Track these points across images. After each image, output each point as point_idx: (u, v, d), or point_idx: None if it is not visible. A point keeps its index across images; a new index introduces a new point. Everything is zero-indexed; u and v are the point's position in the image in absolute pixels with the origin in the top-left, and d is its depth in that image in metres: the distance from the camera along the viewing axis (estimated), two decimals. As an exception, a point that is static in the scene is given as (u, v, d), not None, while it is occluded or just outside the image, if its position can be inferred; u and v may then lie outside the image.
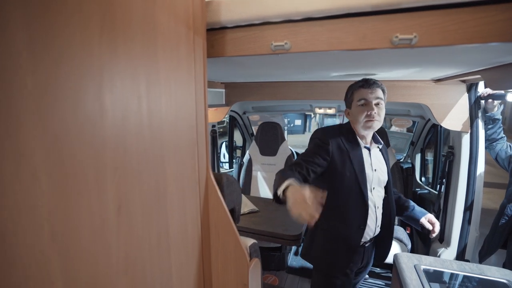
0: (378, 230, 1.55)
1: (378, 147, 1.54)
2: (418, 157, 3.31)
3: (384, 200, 1.56)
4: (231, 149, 3.59)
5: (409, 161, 3.43)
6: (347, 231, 1.48)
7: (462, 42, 0.69)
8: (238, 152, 3.88)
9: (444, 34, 0.70)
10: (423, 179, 3.25)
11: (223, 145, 3.91)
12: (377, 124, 1.42)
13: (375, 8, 0.72)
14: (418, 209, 1.61)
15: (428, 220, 1.56)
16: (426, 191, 2.87)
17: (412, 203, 1.64)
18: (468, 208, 2.03)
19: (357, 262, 1.55)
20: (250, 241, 0.98)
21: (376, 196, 1.50)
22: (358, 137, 1.50)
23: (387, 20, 0.73)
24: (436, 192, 2.69)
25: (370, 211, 1.47)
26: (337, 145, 1.45)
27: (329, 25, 0.78)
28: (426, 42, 0.72)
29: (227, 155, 3.92)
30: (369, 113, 1.40)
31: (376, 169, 1.50)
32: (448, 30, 0.69)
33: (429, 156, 3.33)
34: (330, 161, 1.43)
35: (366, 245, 1.55)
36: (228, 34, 0.88)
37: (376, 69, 1.53)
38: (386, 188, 1.56)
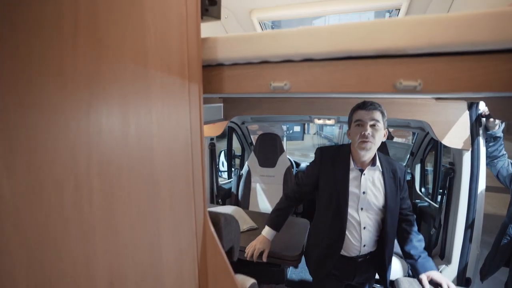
0: (366, 249, 1.61)
1: (380, 170, 1.54)
2: (418, 168, 3.29)
3: (380, 223, 1.58)
4: (230, 158, 3.56)
5: (408, 171, 3.41)
6: (327, 242, 1.63)
7: (468, 90, 0.67)
8: (237, 161, 3.85)
9: (449, 82, 0.67)
10: (423, 189, 3.24)
11: (222, 154, 3.87)
12: (371, 145, 1.45)
13: (378, 53, 0.69)
14: (422, 261, 1.56)
15: (430, 279, 1.51)
16: (426, 203, 2.84)
17: (420, 250, 1.59)
18: (470, 226, 2.01)
19: (348, 272, 1.66)
20: (249, 282, 0.95)
21: (365, 217, 1.56)
22: (351, 158, 1.56)
23: (391, 64, 0.70)
24: (436, 206, 2.67)
25: (352, 229, 1.57)
26: (328, 164, 1.58)
27: (330, 66, 0.75)
28: (431, 89, 0.69)
29: (225, 163, 3.89)
30: (362, 133, 1.43)
31: (365, 191, 1.54)
32: (453, 78, 0.67)
33: (429, 167, 3.32)
34: (318, 178, 1.62)
35: (359, 259, 1.63)
36: (226, 71, 0.85)
37: None
38: (385, 213, 1.55)
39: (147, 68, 0.55)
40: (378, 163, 1.55)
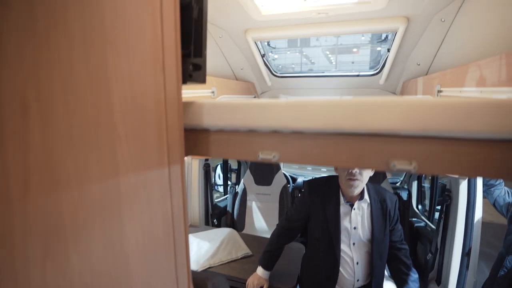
0: (360, 283, 1.61)
1: (368, 202, 1.54)
2: (415, 184, 3.26)
3: (369, 255, 1.58)
4: (225, 175, 3.52)
5: (405, 186, 3.39)
6: (321, 277, 1.63)
7: (467, 175, 0.63)
8: (233, 175, 3.81)
9: (446, 165, 0.64)
10: (419, 207, 3.21)
11: (218, 167, 3.83)
12: (358, 183, 1.46)
13: (371, 132, 0.65)
14: None
15: None
16: (422, 223, 2.82)
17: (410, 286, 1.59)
18: (467, 254, 1.99)
19: None
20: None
21: (357, 252, 1.56)
22: (341, 193, 1.55)
23: (385, 142, 0.66)
24: (433, 226, 2.65)
25: (346, 265, 1.57)
26: (318, 199, 1.57)
27: (321, 140, 0.71)
28: (427, 170, 0.65)
29: (222, 175, 3.85)
30: (350, 171, 1.45)
31: (356, 226, 1.54)
32: (451, 161, 0.63)
33: (426, 183, 3.29)
34: (309, 214, 1.62)
35: None
36: (212, 136, 0.81)
37: None
38: (372, 246, 1.54)
39: (115, 140, 0.51)
40: (366, 195, 1.55)
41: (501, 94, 1.05)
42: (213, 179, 3.28)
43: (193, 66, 0.74)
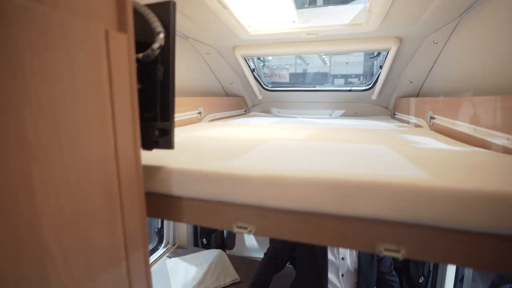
0: None
1: None
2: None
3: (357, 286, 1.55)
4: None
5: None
6: None
7: (457, 264, 0.57)
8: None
9: (436, 252, 0.58)
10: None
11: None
12: None
13: (355, 216, 0.59)
14: None
15: None
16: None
17: None
18: (460, 280, 1.95)
19: None
20: None
21: (346, 283, 1.53)
22: None
23: (371, 224, 0.60)
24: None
25: None
26: None
27: (302, 216, 0.64)
28: (416, 256, 0.59)
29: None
30: None
31: (344, 257, 1.52)
32: (442, 249, 0.57)
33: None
34: (296, 244, 1.60)
35: None
36: (184, 202, 0.74)
37: None
38: (359, 276, 1.51)
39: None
40: None
41: (496, 139, 0.99)
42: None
43: (159, 132, 0.66)
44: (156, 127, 0.66)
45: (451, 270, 1.97)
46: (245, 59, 2.48)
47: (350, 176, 0.58)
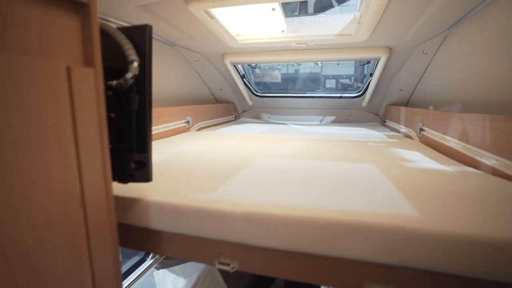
0: None
1: None
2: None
3: None
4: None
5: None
6: None
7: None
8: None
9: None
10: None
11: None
12: None
13: (342, 257, 0.56)
14: None
15: None
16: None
17: None
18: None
19: None
20: None
21: None
22: None
23: (359, 264, 0.57)
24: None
25: None
26: None
27: (286, 253, 0.61)
28: (406, 296, 0.56)
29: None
30: None
31: None
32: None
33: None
34: None
35: None
36: (164, 235, 0.69)
37: None
38: None
39: None
40: None
41: (486, 159, 0.98)
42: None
43: (135, 164, 0.62)
44: (132, 159, 0.62)
45: None
46: (234, 66, 2.44)
47: (336, 216, 0.54)
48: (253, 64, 2.77)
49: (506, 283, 0.47)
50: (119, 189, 0.69)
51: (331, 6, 2.89)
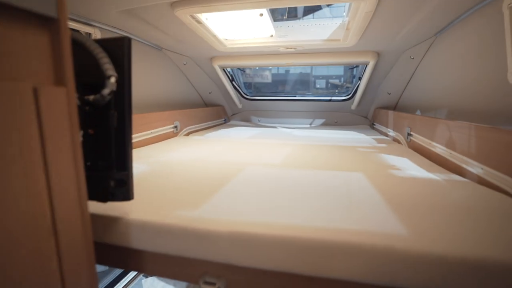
0: None
1: None
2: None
3: None
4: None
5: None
6: None
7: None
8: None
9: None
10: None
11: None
12: None
13: (330, 278, 0.54)
14: None
15: None
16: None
17: None
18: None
19: None
20: None
21: None
22: None
23: (348, 285, 0.55)
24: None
25: None
26: None
27: (274, 272, 0.59)
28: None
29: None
30: None
31: None
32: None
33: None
34: None
35: None
36: (146, 254, 0.67)
37: None
38: None
39: None
40: None
41: (471, 167, 0.99)
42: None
43: (115, 182, 0.59)
44: (112, 177, 0.59)
45: None
46: (223, 69, 2.41)
47: (325, 236, 0.53)
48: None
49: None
50: (99, 207, 0.66)
51: (319, 7, 2.89)
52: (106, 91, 0.52)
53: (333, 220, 0.61)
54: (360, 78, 2.38)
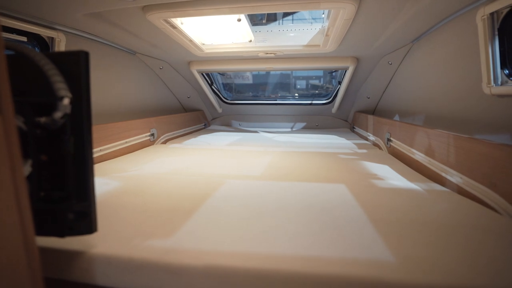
0: None
1: None
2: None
3: None
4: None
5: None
6: None
7: None
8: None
9: None
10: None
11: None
12: None
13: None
14: None
15: None
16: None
17: None
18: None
19: None
20: None
21: None
22: None
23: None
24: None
25: None
26: None
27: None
28: None
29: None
30: None
31: None
32: None
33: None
34: None
35: None
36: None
37: None
38: None
39: None
40: None
41: (451, 176, 0.99)
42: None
43: (75, 215, 0.52)
44: (71, 209, 0.52)
45: None
46: (202, 74, 2.34)
47: (307, 268, 0.49)
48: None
49: None
50: (57, 240, 0.59)
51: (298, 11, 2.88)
52: (58, 114, 0.45)
53: (316, 247, 0.57)
54: (340, 82, 2.39)
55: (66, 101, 0.45)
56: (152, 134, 1.92)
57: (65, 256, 0.57)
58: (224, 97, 2.80)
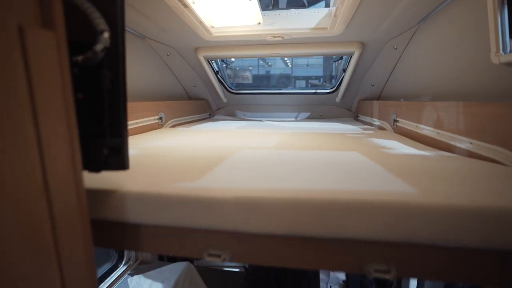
0: None
1: None
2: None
3: None
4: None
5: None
6: None
7: (448, 280, 0.54)
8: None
9: (426, 269, 0.54)
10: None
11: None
12: None
13: (343, 238, 0.53)
14: None
15: None
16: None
17: None
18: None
19: None
20: None
21: None
22: None
23: (359, 245, 0.54)
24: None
25: None
26: None
27: (282, 239, 0.57)
28: (407, 275, 0.55)
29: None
30: None
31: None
32: (430, 265, 0.53)
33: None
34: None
35: None
36: (144, 229, 0.62)
37: None
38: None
39: None
40: None
41: (460, 143, 1.02)
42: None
43: (109, 150, 0.54)
44: (105, 144, 0.54)
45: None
46: (208, 61, 2.37)
47: (334, 196, 0.52)
48: (224, 65, 2.74)
49: (506, 251, 0.47)
50: (88, 181, 0.61)
51: (303, 6, 2.91)
52: (99, 47, 0.48)
53: (340, 183, 0.59)
54: (344, 70, 2.42)
55: (106, 34, 0.48)
56: (161, 118, 1.94)
57: (97, 195, 0.60)
58: (229, 87, 2.82)
